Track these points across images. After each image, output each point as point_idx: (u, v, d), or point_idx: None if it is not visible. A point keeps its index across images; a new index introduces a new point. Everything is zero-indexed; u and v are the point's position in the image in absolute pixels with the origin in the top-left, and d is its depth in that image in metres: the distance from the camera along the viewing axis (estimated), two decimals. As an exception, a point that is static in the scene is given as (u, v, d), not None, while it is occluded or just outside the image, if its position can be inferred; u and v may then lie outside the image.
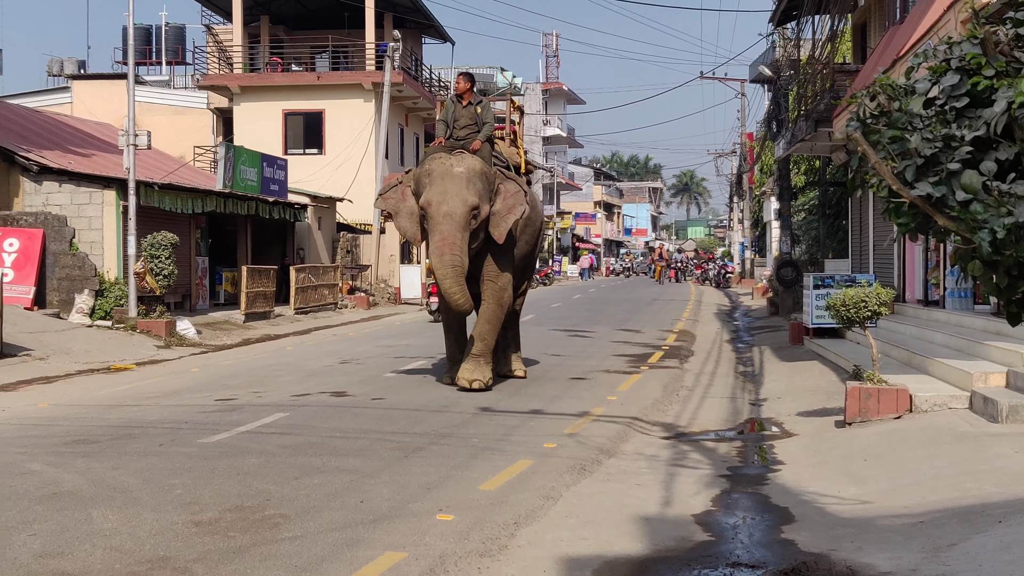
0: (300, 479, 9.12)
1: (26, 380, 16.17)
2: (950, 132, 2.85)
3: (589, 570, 6.79)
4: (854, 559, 6.84)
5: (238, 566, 6.64)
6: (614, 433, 11.77)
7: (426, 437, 11.31)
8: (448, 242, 14.07)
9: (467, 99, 15.40)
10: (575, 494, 8.86)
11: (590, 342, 23.20)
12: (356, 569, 6.60)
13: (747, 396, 15.18)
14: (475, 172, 14.48)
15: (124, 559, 6.76)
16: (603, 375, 17.19)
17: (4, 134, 25.98)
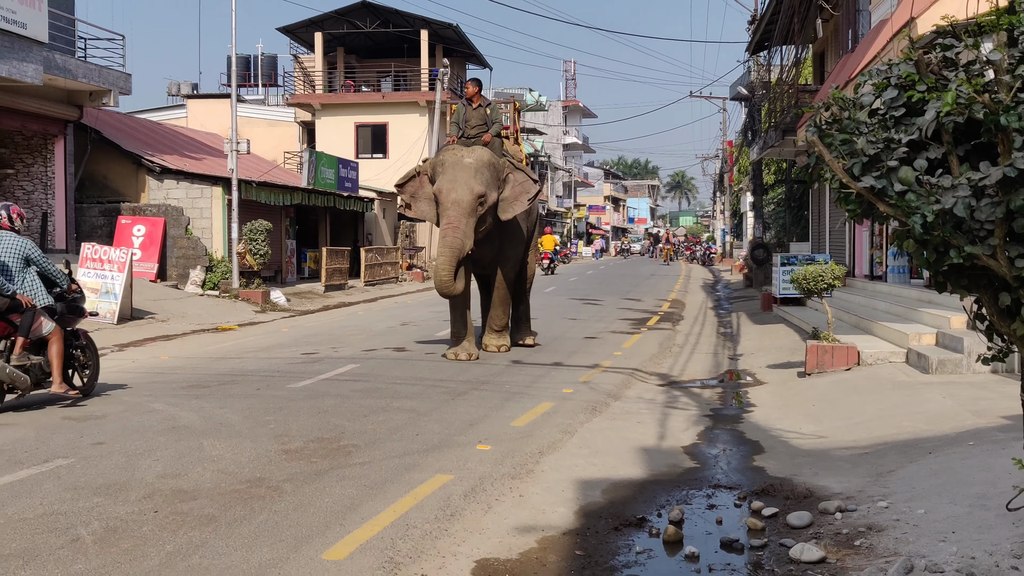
0: (368, 416, 9.17)
1: (151, 338, 16.29)
2: (890, 136, 2.84)
3: (599, 490, 6.80)
4: (812, 482, 6.83)
5: (319, 485, 6.69)
6: (619, 381, 11.78)
7: (469, 384, 11.34)
8: (453, 225, 12.88)
9: (476, 102, 14.22)
10: (588, 430, 8.88)
11: (600, 308, 23.17)
12: (413, 488, 6.63)
13: (726, 352, 15.14)
14: (483, 163, 13.18)
15: (228, 479, 6.82)
16: (611, 335, 17.18)
17: (133, 142, 26.11)
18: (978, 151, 2.87)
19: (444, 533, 5.73)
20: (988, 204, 2.76)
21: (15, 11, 18.59)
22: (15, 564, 5.05)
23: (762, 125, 29.29)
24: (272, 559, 5.19)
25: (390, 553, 5.33)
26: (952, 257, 2.82)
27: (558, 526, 5.97)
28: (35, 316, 9.36)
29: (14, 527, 5.67)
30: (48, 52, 20.13)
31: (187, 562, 5.12)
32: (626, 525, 6.02)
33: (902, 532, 5.48)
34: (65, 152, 23.07)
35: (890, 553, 5.16)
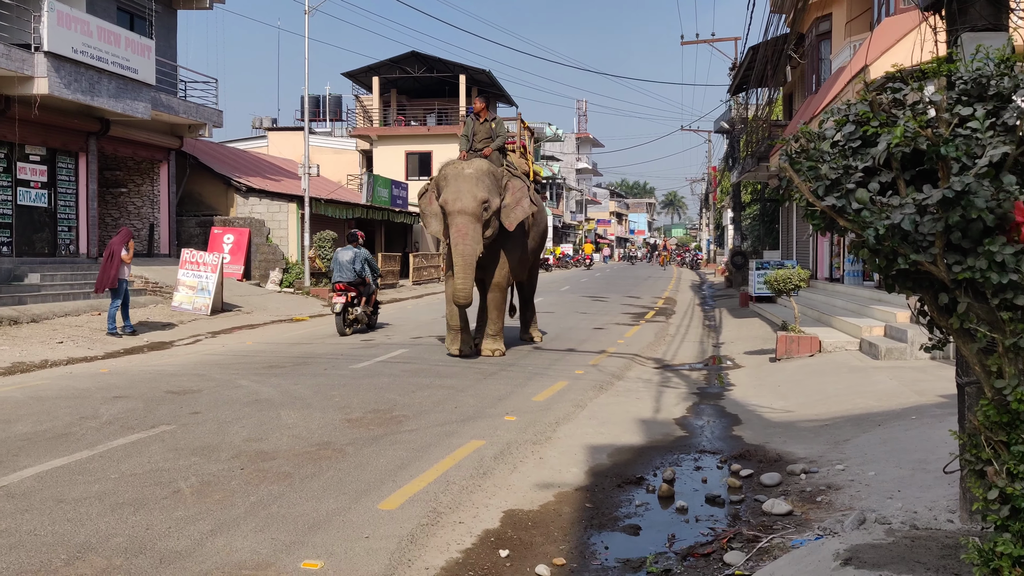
0: (415, 392, 9.18)
1: (238, 327, 16.36)
2: (848, 163, 2.82)
3: (605, 454, 6.79)
4: (781, 448, 6.79)
5: (376, 448, 6.70)
6: (622, 364, 11.74)
7: (498, 365, 11.33)
8: (462, 233, 11.49)
9: (483, 116, 12.81)
10: (596, 404, 8.86)
11: (605, 304, 23.10)
12: (452, 451, 6.63)
13: (711, 341, 15.06)
14: (483, 171, 11.83)
15: (300, 443, 6.85)
16: (615, 326, 17.12)
17: (224, 166, 26.24)
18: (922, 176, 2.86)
19: (478, 488, 5.74)
20: (930, 220, 2.74)
21: (128, 59, 18.74)
22: (128, 511, 5.10)
23: (741, 154, 29.14)
24: (337, 508, 5.20)
25: (433, 504, 5.34)
26: (900, 263, 2.81)
27: (571, 483, 5.97)
28: (372, 289, 15.24)
29: (127, 481, 5.71)
30: (155, 92, 20.25)
31: (268, 511, 5.15)
32: (627, 483, 6.01)
33: (856, 490, 5.45)
34: (168, 174, 23.22)
35: (846, 507, 5.13)
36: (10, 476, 5.78)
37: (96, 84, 17.94)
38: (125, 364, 11.51)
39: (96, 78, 17.92)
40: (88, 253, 19.87)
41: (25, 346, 12.37)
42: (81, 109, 18.72)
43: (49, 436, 6.99)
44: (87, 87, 17.70)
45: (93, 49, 17.67)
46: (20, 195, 18.12)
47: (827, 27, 18.74)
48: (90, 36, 17.59)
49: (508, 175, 12.42)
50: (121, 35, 18.67)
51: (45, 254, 18.82)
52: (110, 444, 6.70)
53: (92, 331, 14.19)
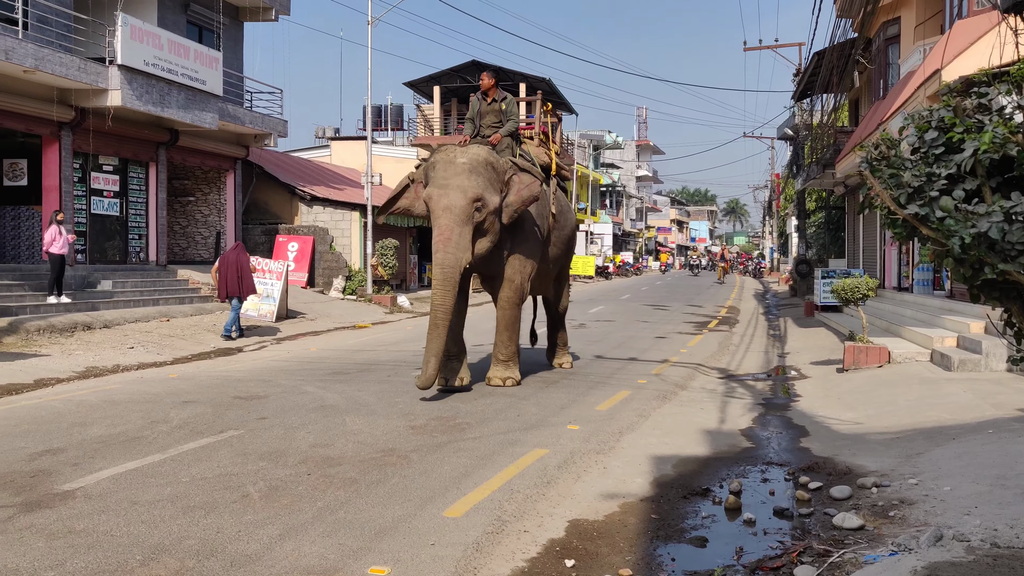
0: (477, 400, 9.20)
1: (302, 333, 16.59)
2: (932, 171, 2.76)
3: (670, 464, 6.71)
4: (851, 461, 6.66)
5: (440, 455, 6.72)
6: (685, 374, 11.63)
7: (559, 374, 11.30)
8: (444, 237, 9.14)
9: (492, 95, 10.64)
10: (659, 414, 8.78)
11: (667, 313, 22.92)
12: (515, 459, 6.62)
13: (775, 351, 14.84)
14: (480, 161, 9.48)
15: (366, 449, 6.90)
16: (677, 335, 16.98)
17: (288, 175, 26.65)
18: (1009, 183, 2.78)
19: (542, 497, 5.72)
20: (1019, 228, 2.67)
21: (197, 71, 19.14)
22: (199, 514, 5.18)
23: (805, 160, 28.75)
24: (403, 515, 5.23)
25: (498, 512, 5.34)
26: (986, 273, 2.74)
27: (636, 494, 5.91)
28: None
29: (197, 484, 5.81)
30: (222, 103, 20.66)
31: (334, 516, 5.19)
32: (693, 494, 5.93)
33: (931, 506, 5.31)
34: (234, 183, 23.65)
35: (921, 523, 5.00)
36: (87, 478, 5.93)
37: (166, 95, 18.36)
38: (193, 369, 11.73)
39: (166, 90, 18.34)
40: (157, 261, 20.32)
41: (98, 351, 12.69)
42: (152, 120, 19.17)
43: (123, 439, 7.15)
44: (158, 99, 18.12)
45: (164, 61, 18.09)
46: (94, 204, 18.61)
47: (895, 31, 18.39)
48: (161, 49, 18.01)
49: (514, 167, 10.07)
50: (190, 47, 19.09)
51: (116, 261, 19.29)
52: (181, 448, 6.83)
53: (161, 337, 14.49)
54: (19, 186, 18.23)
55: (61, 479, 5.91)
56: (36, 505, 5.33)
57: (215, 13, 21.80)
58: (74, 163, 17.80)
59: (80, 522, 5.00)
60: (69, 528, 4.90)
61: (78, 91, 16.83)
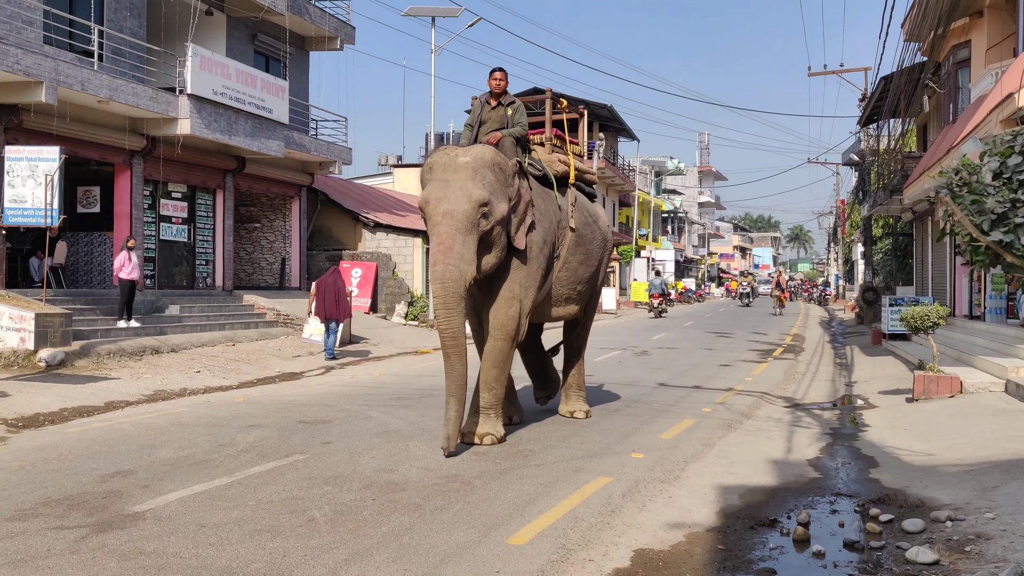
0: (540, 426, 9.18)
1: (365, 358, 16.75)
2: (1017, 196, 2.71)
3: (736, 494, 6.62)
4: (923, 494, 6.49)
5: (503, 481, 6.72)
6: (750, 403, 11.48)
7: (622, 402, 11.23)
8: (444, 247, 7.68)
9: (495, 100, 9.06)
10: (725, 443, 8.67)
11: (731, 340, 22.66)
12: (579, 487, 6.59)
13: (842, 379, 14.55)
14: (485, 162, 8.03)
15: (430, 475, 6.93)
16: (742, 363, 16.77)
17: (352, 202, 27.02)
18: (1095, 209, 2.71)
19: (607, 526, 5.68)
20: (1106, 255, 2.60)
21: (264, 100, 19.58)
22: (266, 537, 5.25)
23: (872, 187, 28.31)
24: (467, 542, 5.24)
25: (563, 540, 5.32)
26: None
27: (702, 524, 5.84)
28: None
29: (263, 508, 5.89)
30: (288, 131, 21.07)
31: (399, 541, 5.22)
32: (760, 525, 5.84)
33: (1009, 541, 5.15)
34: (299, 210, 24.06)
35: (999, 559, 4.86)
36: (156, 500, 6.05)
37: (234, 124, 18.80)
38: (259, 394, 11.91)
39: (234, 118, 18.77)
40: (223, 286, 20.73)
41: (166, 374, 12.96)
42: (219, 148, 19.63)
43: (190, 462, 7.28)
44: (225, 127, 18.56)
45: (231, 91, 18.54)
46: (163, 230, 19.08)
47: (965, 54, 18.07)
48: (229, 78, 18.46)
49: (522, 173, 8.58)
50: (257, 77, 19.54)
51: (184, 287, 19.72)
52: (247, 472, 6.94)
53: (227, 361, 14.75)
54: (92, 213, 18.78)
55: (132, 500, 6.04)
56: (108, 526, 5.45)
57: (282, 43, 22.29)
58: (144, 190, 18.29)
59: (150, 543, 5.10)
60: (140, 549, 5.00)
61: (149, 120, 17.32)
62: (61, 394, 10.88)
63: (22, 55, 14.05)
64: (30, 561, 4.78)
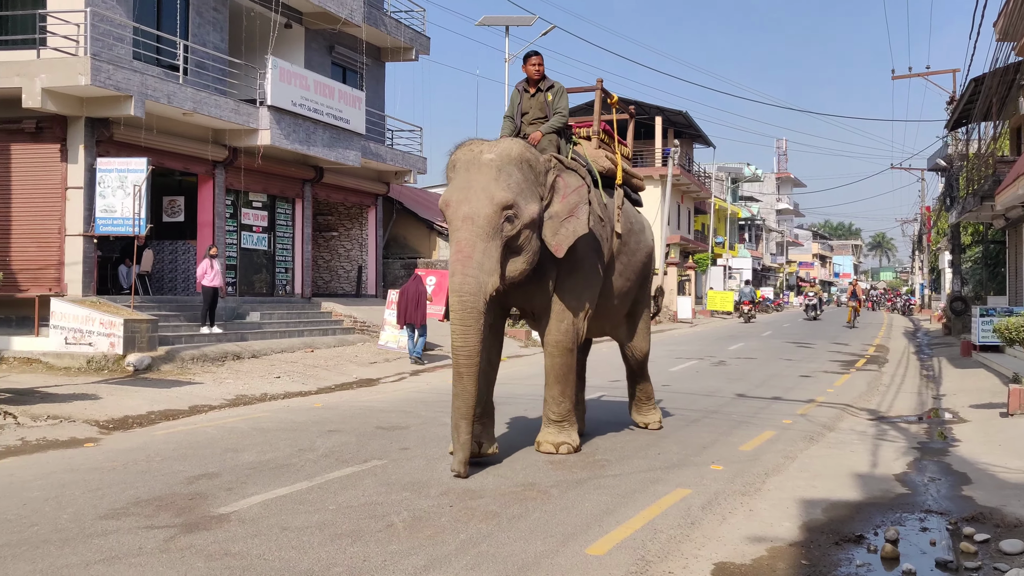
0: (617, 436, 9.15)
1: (440, 365, 16.86)
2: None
3: (819, 508, 6.49)
4: (1021, 513, 6.29)
5: (580, 491, 6.71)
6: (833, 415, 11.25)
7: (700, 412, 11.12)
8: (464, 255, 7.05)
9: (534, 87, 8.34)
10: (806, 456, 8.50)
11: (811, 351, 22.24)
12: (657, 498, 6.54)
13: (930, 392, 14.15)
14: (511, 158, 7.30)
15: (506, 483, 6.95)
16: (823, 374, 16.45)
17: (426, 211, 27.30)
18: None
19: (686, 538, 5.63)
20: None
21: (341, 110, 19.93)
22: (346, 542, 5.33)
23: (960, 192, 27.53)
24: (545, 551, 5.24)
25: (641, 552, 5.29)
26: None
27: (784, 538, 5.74)
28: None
29: (344, 513, 5.98)
30: (365, 141, 21.41)
31: (477, 549, 5.25)
32: (845, 541, 5.72)
33: (1112, 563, 4.96)
34: (376, 219, 24.40)
35: (1101, 581, 4.68)
36: (240, 503, 6.19)
37: (312, 134, 19.17)
38: (337, 399, 12.11)
39: (312, 129, 19.15)
40: (302, 293, 21.12)
41: (247, 380, 13.26)
42: (298, 158, 20.03)
43: (272, 466, 7.44)
44: (304, 137, 18.93)
45: (310, 102, 18.92)
46: (244, 239, 19.54)
47: (1061, 55, 17.49)
48: (307, 90, 18.84)
49: (558, 166, 7.89)
50: (335, 88, 19.91)
51: (264, 294, 20.16)
52: (327, 476, 7.05)
53: (306, 367, 15.02)
54: (177, 222, 19.33)
55: (217, 503, 6.19)
56: (195, 527, 5.60)
57: (358, 54, 22.67)
58: (226, 200, 18.76)
59: (235, 545, 5.22)
60: (225, 550, 5.12)
61: (231, 131, 17.77)
62: (148, 398, 11.22)
63: (113, 70, 14.55)
64: (123, 558, 4.95)
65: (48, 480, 6.91)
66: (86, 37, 14.82)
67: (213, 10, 18.30)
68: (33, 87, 14.27)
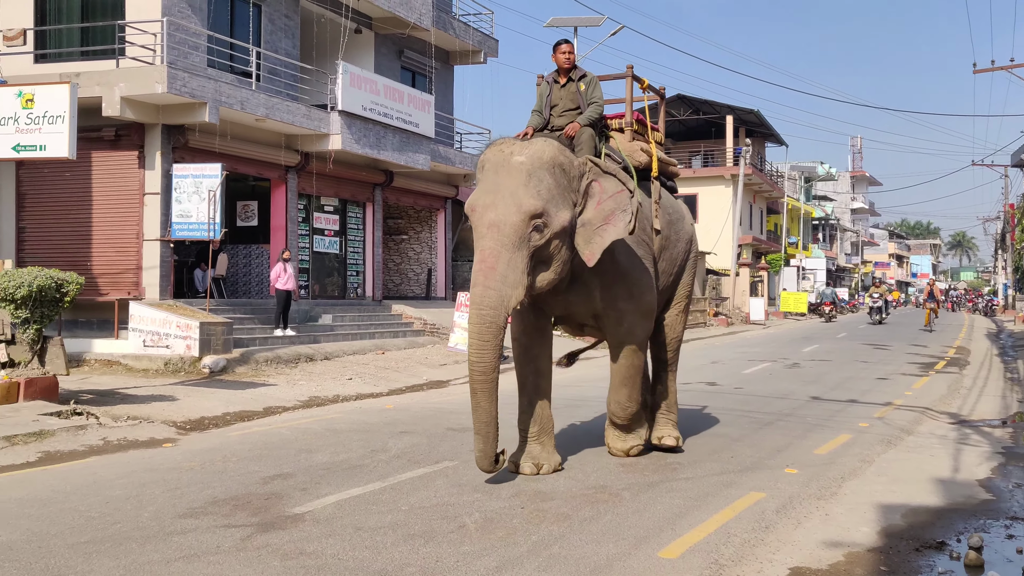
0: (689, 439, 9.06)
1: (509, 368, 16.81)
2: None
3: (898, 514, 6.35)
4: (1111, 520, 6.07)
5: (652, 494, 6.67)
6: (911, 418, 10.98)
7: (773, 415, 10.97)
8: (487, 266, 6.60)
9: (566, 76, 7.74)
10: (884, 460, 8.32)
11: (888, 353, 21.75)
12: (731, 502, 6.47)
13: (1015, 395, 13.71)
14: (543, 162, 6.78)
15: (577, 485, 6.94)
16: (900, 376, 16.07)
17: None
18: None
19: (760, 543, 5.56)
20: None
21: (411, 114, 20.12)
22: (419, 542, 5.38)
23: (1045, 188, 26.70)
24: (617, 553, 5.23)
25: (715, 556, 5.24)
26: None
27: (862, 544, 5.63)
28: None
29: (416, 513, 6.04)
30: (434, 145, 21.59)
31: (549, 551, 5.25)
32: (926, 547, 5.59)
33: None
34: (444, 222, 24.58)
35: None
36: (315, 502, 6.29)
37: (382, 138, 19.39)
38: (407, 401, 12.23)
39: (382, 133, 19.37)
40: (373, 296, 21.38)
41: (319, 382, 13.47)
42: (368, 162, 20.29)
43: (345, 467, 7.55)
44: (374, 142, 19.17)
45: (380, 106, 19.15)
46: (316, 242, 19.85)
47: None
48: (377, 94, 19.07)
49: (595, 170, 7.22)
50: (404, 92, 20.11)
51: (336, 297, 20.45)
52: (399, 477, 7.13)
53: (377, 369, 15.20)
54: (250, 226, 19.74)
55: (292, 503, 6.30)
56: (270, 526, 5.71)
57: (427, 58, 22.87)
58: (298, 204, 19.08)
59: (310, 544, 5.32)
60: (300, 550, 5.21)
61: (303, 136, 18.07)
62: (223, 399, 11.47)
63: (188, 78, 14.93)
64: (202, 557, 5.07)
65: (129, 479, 7.12)
66: (162, 46, 15.24)
67: (285, 17, 18.65)
68: (112, 96, 14.71)
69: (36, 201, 16.38)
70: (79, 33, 16.56)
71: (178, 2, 15.90)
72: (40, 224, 16.34)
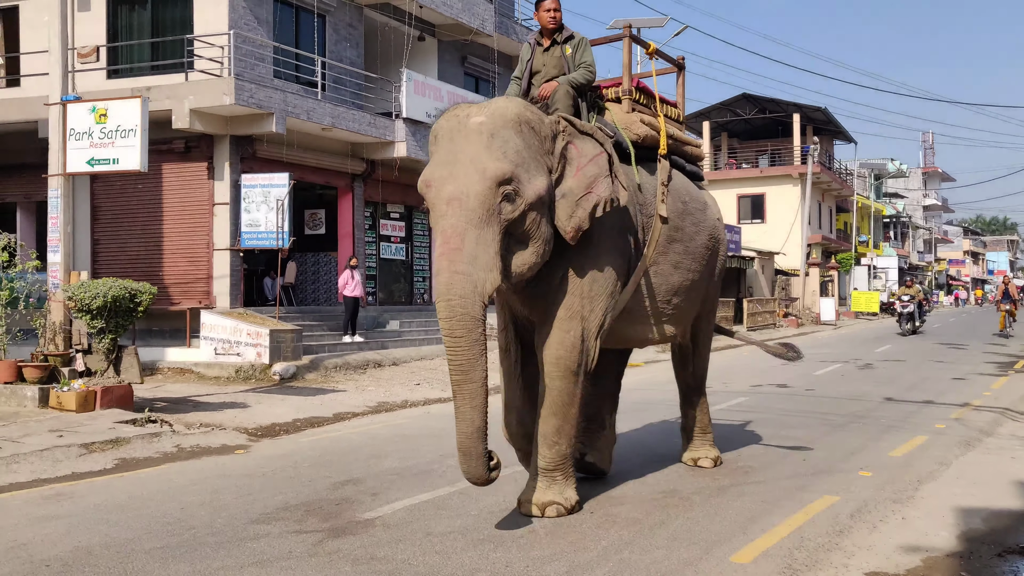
0: (761, 443, 8.96)
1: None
2: None
3: (978, 518, 6.18)
4: None
5: (723, 498, 6.59)
6: (991, 419, 10.68)
7: (846, 417, 10.76)
8: (450, 248, 5.28)
9: (549, 38, 6.60)
10: (962, 462, 8.11)
11: (964, 352, 21.20)
12: (804, 506, 6.36)
13: (1099, 395, 13.28)
14: (506, 120, 5.55)
15: (647, 489, 6.90)
16: (978, 376, 15.64)
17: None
18: None
19: (835, 547, 5.45)
20: None
21: (474, 120, 20.20)
22: (489, 547, 5.40)
23: None
24: (688, 558, 5.17)
25: (788, 560, 5.15)
26: None
27: (941, 548, 5.50)
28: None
29: (485, 518, 6.06)
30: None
31: (619, 556, 5.23)
32: (1009, 552, 5.42)
33: None
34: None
35: None
36: (384, 507, 6.36)
37: (446, 144, 19.50)
38: (474, 406, 12.25)
39: (446, 139, 19.48)
40: (438, 301, 21.50)
41: (388, 387, 13.60)
42: (433, 168, 20.40)
43: (415, 472, 7.60)
44: (439, 148, 19.28)
45: (443, 112, 19.26)
46: (382, 249, 20.06)
47: None
48: (440, 101, 19.19)
49: (570, 132, 5.92)
50: (467, 98, 20.19)
51: (402, 303, 20.63)
52: (466, 482, 7.14)
53: (444, 374, 15.27)
54: (318, 234, 20.02)
55: (362, 508, 6.37)
56: (341, 531, 5.78)
57: (490, 63, 22.96)
58: (365, 211, 19.30)
59: (380, 549, 5.37)
60: (371, 555, 5.27)
61: (368, 144, 18.28)
62: (294, 405, 11.65)
63: (255, 89, 15.21)
64: (275, 562, 5.15)
65: (203, 485, 7.26)
66: (230, 59, 15.56)
67: (349, 26, 18.90)
68: (182, 108, 15.05)
69: (109, 213, 16.83)
70: (149, 48, 16.98)
71: (245, 15, 16.22)
72: (113, 236, 16.79)
